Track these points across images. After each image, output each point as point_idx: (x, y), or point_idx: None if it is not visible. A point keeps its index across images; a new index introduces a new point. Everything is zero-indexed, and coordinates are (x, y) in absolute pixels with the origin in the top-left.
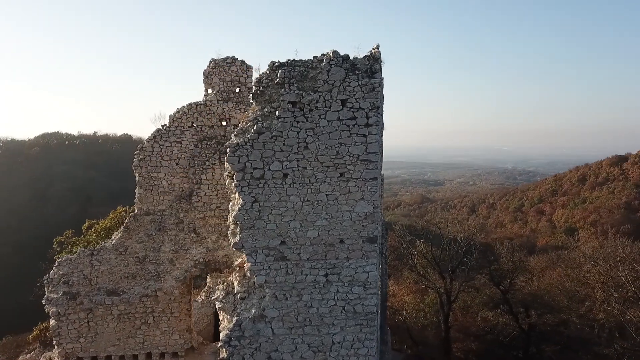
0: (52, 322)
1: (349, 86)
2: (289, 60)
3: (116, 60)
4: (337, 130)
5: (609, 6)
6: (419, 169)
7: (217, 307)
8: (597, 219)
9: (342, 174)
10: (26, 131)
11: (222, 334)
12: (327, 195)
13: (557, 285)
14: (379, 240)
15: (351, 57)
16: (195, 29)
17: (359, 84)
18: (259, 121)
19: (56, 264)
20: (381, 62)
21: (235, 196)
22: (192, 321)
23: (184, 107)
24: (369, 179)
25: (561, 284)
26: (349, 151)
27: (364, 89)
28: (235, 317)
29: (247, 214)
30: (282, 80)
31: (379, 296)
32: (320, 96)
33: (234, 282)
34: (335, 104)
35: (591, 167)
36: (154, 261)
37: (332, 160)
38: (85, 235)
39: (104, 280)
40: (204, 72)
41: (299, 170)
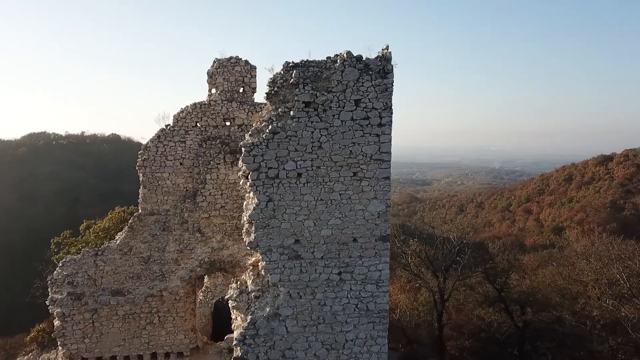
0: (56, 322)
1: (363, 86)
2: (302, 60)
3: (106, 59)
4: (350, 130)
5: (592, 5)
6: (407, 168)
7: (231, 305)
8: (584, 217)
9: (355, 174)
10: (12, 131)
11: (235, 332)
12: (340, 194)
13: (549, 283)
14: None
15: (364, 58)
16: (187, 28)
17: (373, 84)
18: (274, 121)
19: (60, 265)
20: (392, 62)
21: (249, 195)
22: (196, 321)
23: (188, 107)
24: (382, 178)
25: (553, 282)
26: (362, 151)
27: (377, 89)
28: (249, 316)
29: (261, 213)
30: (296, 80)
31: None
32: (334, 96)
33: (247, 281)
34: (348, 104)
35: (577, 167)
36: (158, 261)
37: (345, 159)
38: (83, 235)
39: (108, 280)
40: (208, 72)
41: (312, 169)
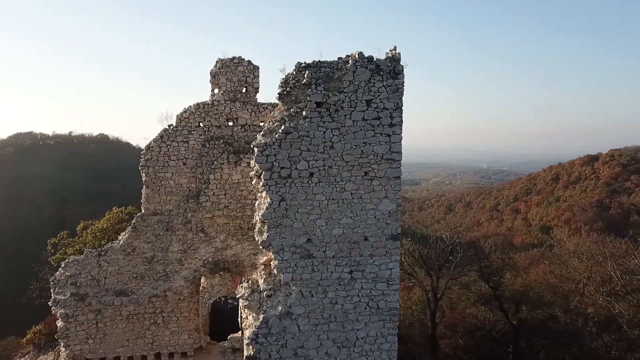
0: (59, 323)
1: (374, 87)
2: (314, 61)
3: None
4: (362, 130)
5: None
6: None
7: (243, 305)
8: (571, 216)
9: (366, 173)
10: None
11: (247, 331)
12: (352, 193)
13: (541, 281)
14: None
15: (374, 59)
16: (178, 28)
17: (384, 84)
18: (286, 121)
19: (63, 265)
20: (401, 63)
21: (262, 195)
22: (200, 321)
23: (191, 107)
24: (393, 178)
25: (546, 280)
26: (373, 150)
27: (388, 90)
28: (261, 315)
29: (274, 213)
30: (309, 80)
31: None
32: (345, 97)
33: (258, 280)
34: (360, 104)
35: (564, 167)
36: (162, 261)
37: (357, 159)
38: (80, 236)
39: (112, 281)
40: (210, 72)
41: (324, 169)
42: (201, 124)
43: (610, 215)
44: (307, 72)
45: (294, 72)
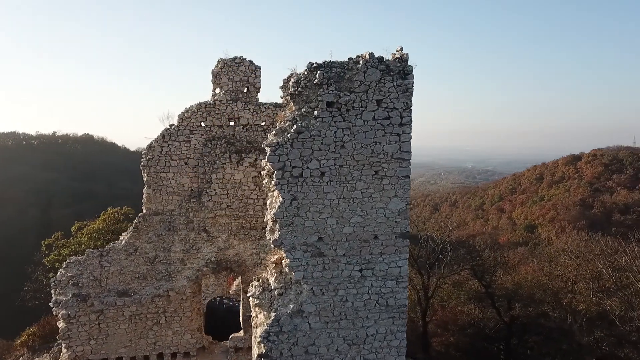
0: (61, 324)
1: (384, 87)
2: (325, 61)
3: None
4: (372, 129)
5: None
6: None
7: (253, 303)
8: (555, 215)
9: (376, 172)
10: None
11: (259, 329)
12: (362, 192)
13: (531, 279)
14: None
15: (384, 59)
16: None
17: (394, 84)
18: (298, 121)
19: (64, 266)
20: (409, 63)
21: (274, 194)
22: (202, 320)
23: (193, 106)
24: (402, 177)
25: (535, 278)
26: (383, 150)
27: (398, 90)
28: (273, 313)
29: (286, 212)
30: (320, 81)
31: None
32: (356, 96)
33: (269, 279)
34: (370, 104)
35: (548, 166)
36: (164, 261)
37: (367, 158)
38: (75, 237)
39: (114, 281)
40: (212, 72)
41: (335, 168)
42: (203, 124)
43: (593, 214)
44: (318, 72)
45: (306, 72)
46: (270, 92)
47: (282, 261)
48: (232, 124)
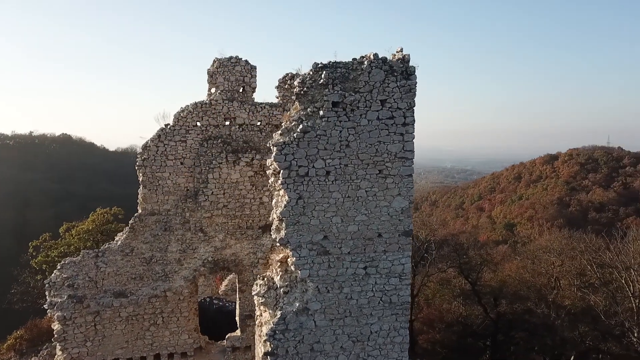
0: (56, 326)
1: (388, 87)
2: (330, 62)
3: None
4: (376, 129)
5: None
6: None
7: (259, 302)
8: (533, 214)
9: (380, 171)
10: None
11: (264, 328)
12: (366, 191)
13: (515, 276)
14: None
15: (388, 60)
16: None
17: (398, 85)
18: (303, 120)
19: (58, 267)
20: (411, 64)
21: (280, 193)
22: (197, 320)
23: (189, 106)
24: (406, 176)
25: (519, 276)
26: (387, 149)
27: (401, 90)
28: (278, 311)
29: (292, 210)
30: (325, 81)
31: None
32: (361, 96)
33: (274, 277)
34: (375, 104)
35: (525, 166)
36: (161, 261)
37: (371, 157)
38: (63, 238)
39: (110, 282)
40: (208, 71)
41: (340, 167)
42: (199, 124)
43: (570, 212)
44: (324, 72)
45: (311, 73)
46: (265, 92)
47: (288, 259)
48: (228, 123)
